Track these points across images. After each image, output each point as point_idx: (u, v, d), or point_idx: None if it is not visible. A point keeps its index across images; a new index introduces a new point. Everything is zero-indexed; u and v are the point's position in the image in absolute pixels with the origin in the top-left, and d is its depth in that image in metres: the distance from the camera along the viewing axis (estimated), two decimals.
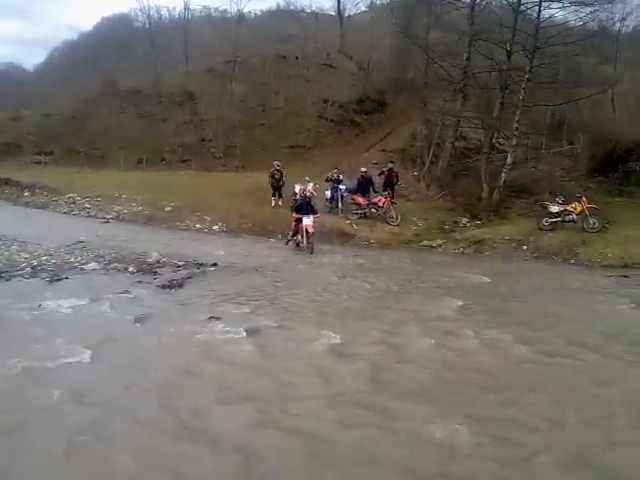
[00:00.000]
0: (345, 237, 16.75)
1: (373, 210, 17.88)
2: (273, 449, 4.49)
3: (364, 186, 18.23)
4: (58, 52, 54.25)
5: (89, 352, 6.28)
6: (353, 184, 18.48)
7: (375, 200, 17.89)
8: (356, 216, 17.85)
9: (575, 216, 16.28)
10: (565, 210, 16.40)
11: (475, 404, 5.40)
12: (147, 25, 42.05)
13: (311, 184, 17.75)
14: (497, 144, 20.90)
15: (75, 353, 6.22)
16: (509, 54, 18.66)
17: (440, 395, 5.59)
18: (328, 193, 18.38)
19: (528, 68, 18.08)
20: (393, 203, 17.94)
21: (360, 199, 18.01)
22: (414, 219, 17.93)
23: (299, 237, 14.66)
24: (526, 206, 18.42)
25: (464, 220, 18.03)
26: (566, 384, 6.00)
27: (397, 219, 17.67)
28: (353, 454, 4.46)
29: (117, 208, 19.85)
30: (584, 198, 16.48)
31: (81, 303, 8.24)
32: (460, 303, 9.35)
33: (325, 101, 31.77)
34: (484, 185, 18.84)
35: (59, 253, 11.48)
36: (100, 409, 5.02)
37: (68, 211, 20.51)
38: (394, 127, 27.57)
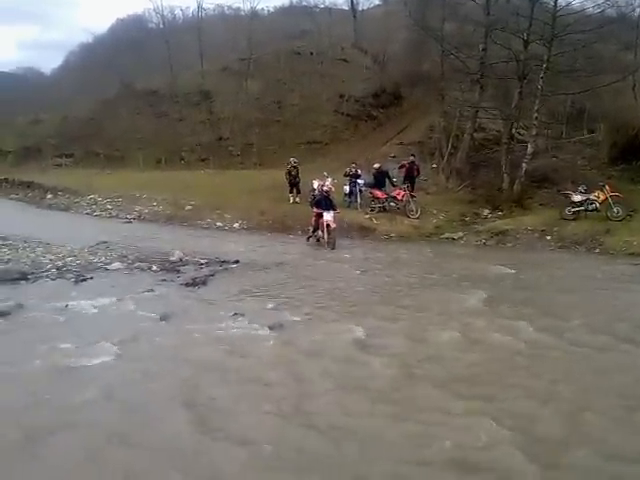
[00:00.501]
0: (365, 231, 16.71)
1: (392, 204, 17.83)
2: (303, 443, 4.47)
3: (380, 180, 18.20)
4: (74, 55, 54.80)
5: (116, 350, 6.32)
6: (370, 179, 18.45)
7: (394, 193, 17.85)
8: (375, 210, 17.80)
9: (598, 205, 16.08)
10: (588, 199, 16.21)
11: (505, 397, 5.34)
12: (161, 25, 42.27)
13: (329, 179, 17.73)
14: (517, 134, 20.66)
15: (102, 352, 6.26)
16: (526, 43, 18.44)
17: (469, 388, 5.54)
18: (347, 188, 18.38)
19: (546, 57, 17.86)
20: (413, 196, 17.86)
21: (379, 193, 17.98)
22: (434, 212, 17.84)
23: (319, 232, 14.65)
24: (548, 196, 18.20)
25: (485, 211, 17.88)
26: (594, 374, 5.92)
27: (417, 212, 17.60)
28: (390, 449, 4.43)
29: (138, 208, 20.02)
30: (607, 186, 16.26)
31: (106, 302, 8.28)
32: (484, 295, 9.25)
33: (341, 96, 31.69)
34: (505, 176, 18.67)
35: (83, 254, 11.58)
36: (129, 407, 5.04)
37: (90, 212, 20.73)
38: (411, 120, 27.38)
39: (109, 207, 20.75)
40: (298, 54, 34.79)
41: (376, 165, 18.75)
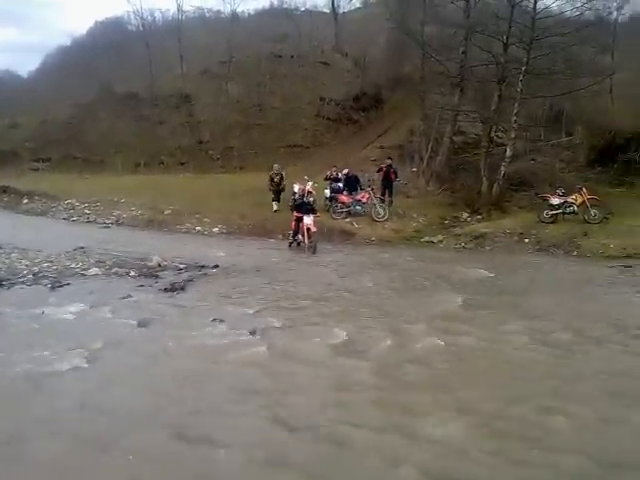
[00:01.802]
0: (346, 235, 16.72)
1: (358, 207, 17.79)
2: (289, 448, 4.47)
3: (352, 185, 18.20)
4: (52, 58, 54.07)
5: (93, 358, 6.24)
6: (337, 185, 18.42)
7: (359, 197, 17.83)
8: (342, 215, 17.74)
9: (576, 208, 16.28)
10: (566, 202, 16.40)
11: (482, 399, 5.35)
12: (141, 28, 41.90)
13: (310, 183, 17.72)
14: (496, 137, 20.81)
15: (79, 359, 6.19)
16: (506, 46, 18.57)
17: (447, 391, 5.55)
18: (327, 192, 18.34)
19: (525, 60, 17.99)
20: (381, 199, 17.86)
21: (344, 197, 17.97)
22: (414, 215, 17.88)
23: (300, 237, 14.63)
24: (526, 199, 18.37)
25: (464, 215, 17.98)
26: (576, 376, 5.97)
27: (384, 214, 17.53)
28: (367, 454, 4.41)
29: (116, 213, 19.83)
30: (584, 189, 16.47)
31: (84, 309, 8.19)
32: (463, 298, 9.31)
33: (322, 99, 31.69)
34: (484, 179, 18.78)
35: (60, 259, 11.42)
36: (104, 415, 4.97)
37: (67, 217, 20.48)
38: (392, 123, 27.45)
39: (87, 212, 20.53)
40: (279, 57, 34.69)
41: (345, 171, 18.80)
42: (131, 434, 4.67)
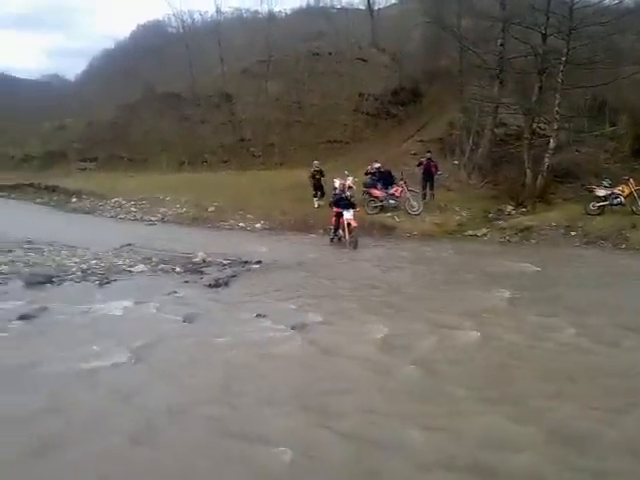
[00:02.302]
0: (386, 230, 16.67)
1: (391, 201, 17.71)
2: (330, 446, 4.47)
3: (385, 180, 18.11)
4: (97, 61, 55.48)
5: (139, 353, 6.36)
6: (370, 180, 18.33)
7: (392, 191, 17.72)
8: (376, 209, 17.69)
9: (623, 199, 15.87)
10: (612, 193, 15.99)
11: (529, 396, 5.30)
12: (181, 30, 42.56)
13: (350, 178, 17.76)
14: (538, 129, 20.39)
15: (125, 355, 6.31)
16: (544, 37, 18.19)
17: (495, 387, 5.53)
18: None
19: (565, 50, 17.59)
20: (413, 192, 17.71)
21: (377, 191, 17.89)
22: (457, 209, 17.69)
23: (340, 232, 14.66)
24: (572, 191, 17.98)
25: (509, 208, 17.68)
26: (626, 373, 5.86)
27: (419, 208, 17.42)
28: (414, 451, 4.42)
29: (162, 210, 20.22)
30: (631, 180, 16.03)
31: (130, 305, 8.37)
32: (509, 293, 9.18)
33: (360, 95, 31.59)
34: (527, 171, 18.44)
35: (107, 256, 11.72)
36: (151, 411, 5.05)
37: (114, 215, 20.99)
38: (431, 117, 27.17)
39: (133, 210, 20.99)
40: (316, 55, 34.76)
41: (377, 165, 18.64)
42: (176, 429, 4.75)
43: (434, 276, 10.88)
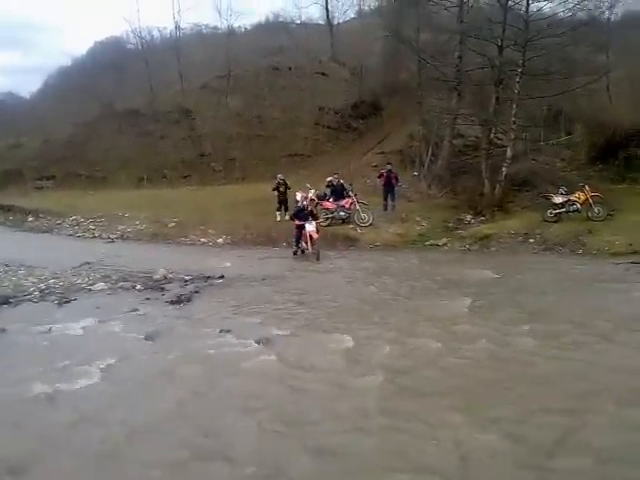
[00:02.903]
0: (350, 241, 16.72)
1: (342, 213, 17.82)
2: (293, 459, 4.46)
3: (337, 192, 18.19)
4: (53, 79, 54.44)
5: (103, 373, 6.27)
6: (322, 193, 18.48)
7: (342, 203, 17.83)
8: (327, 220, 17.77)
9: (579, 206, 16.28)
10: (569, 200, 16.40)
11: (492, 404, 5.37)
12: (140, 47, 42.15)
13: (312, 191, 17.81)
14: (495, 139, 20.84)
15: (88, 375, 6.21)
16: (500, 49, 18.63)
17: (456, 396, 5.55)
18: None
19: (521, 61, 18.04)
20: (364, 204, 17.80)
21: (327, 203, 18.01)
22: (418, 219, 17.86)
23: (303, 244, 14.65)
24: (529, 199, 18.36)
25: (468, 217, 17.95)
26: (585, 376, 5.97)
27: (368, 219, 17.53)
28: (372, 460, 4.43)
29: (121, 227, 19.88)
30: (587, 187, 16.45)
31: (91, 324, 8.24)
32: (471, 300, 9.31)
33: (320, 109, 31.78)
34: (485, 181, 18.78)
35: (66, 275, 11.49)
36: (117, 430, 4.98)
37: (73, 233, 20.52)
38: (391, 129, 27.53)
39: (92, 227, 20.59)
40: (277, 69, 34.85)
41: (329, 178, 18.77)
42: (142, 448, 4.68)
43: (398, 286, 10.92)
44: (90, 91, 37.39)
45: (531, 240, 15.54)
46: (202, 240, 17.97)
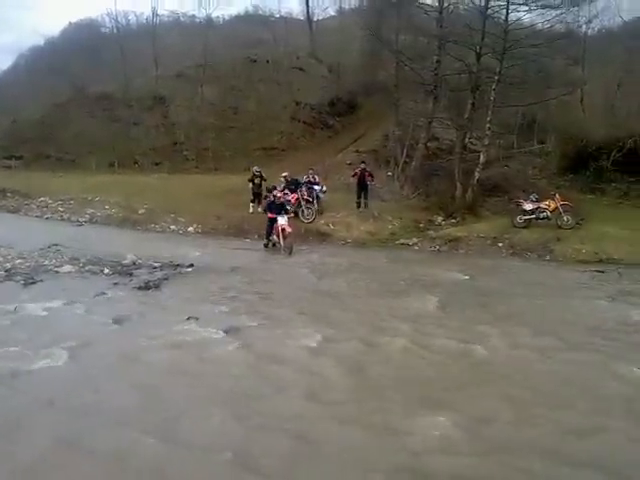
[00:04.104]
0: (322, 237, 16.76)
1: (288, 207, 17.77)
2: (259, 448, 4.46)
3: (292, 188, 18.19)
4: (25, 58, 53.19)
5: (67, 355, 6.16)
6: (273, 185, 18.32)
7: (289, 197, 17.80)
8: None
9: (549, 213, 16.54)
10: (539, 207, 16.66)
11: (449, 399, 5.44)
12: (115, 30, 41.53)
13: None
14: (469, 144, 21.10)
15: (52, 356, 6.10)
16: (478, 56, 18.81)
17: (417, 391, 5.64)
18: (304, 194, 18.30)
19: (498, 69, 18.26)
20: (308, 201, 17.93)
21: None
22: (389, 218, 17.94)
23: (275, 237, 14.60)
24: (500, 204, 18.61)
25: (439, 219, 18.11)
26: (543, 379, 6.08)
27: (311, 216, 17.67)
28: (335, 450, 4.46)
29: (90, 211, 19.52)
30: (557, 195, 16.75)
31: (57, 306, 8.10)
32: (439, 300, 9.40)
33: (297, 103, 31.71)
34: (458, 184, 18.96)
35: (33, 256, 11.26)
36: (77, 414, 4.91)
37: (41, 215, 20.08)
38: (367, 128, 27.63)
39: (60, 210, 20.18)
40: (254, 62, 34.60)
41: (284, 174, 18.79)
42: (104, 434, 4.60)
43: (367, 283, 10.97)
44: (62, 73, 36.68)
45: (500, 244, 15.75)
46: (172, 228, 17.79)
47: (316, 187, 18.45)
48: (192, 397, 5.33)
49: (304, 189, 18.11)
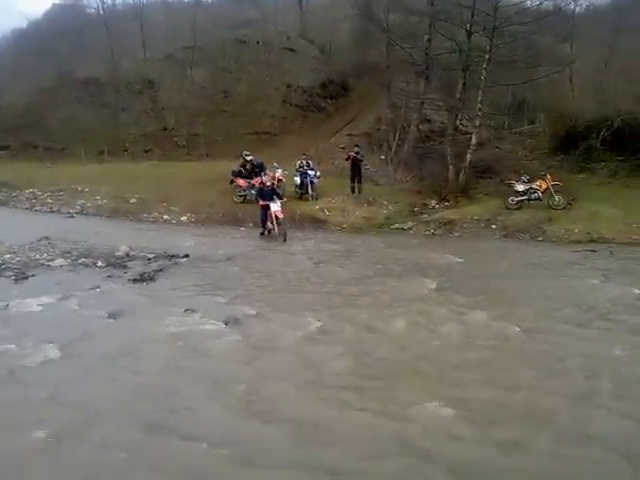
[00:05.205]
0: (317, 223, 16.68)
1: (253, 191, 17.45)
2: (260, 437, 4.50)
3: (255, 171, 17.90)
4: (6, 41, 52.34)
5: (62, 351, 6.17)
6: (238, 168, 18.44)
7: (253, 181, 17.56)
8: (240, 198, 17.95)
9: (540, 194, 16.56)
10: (530, 188, 16.66)
11: (453, 384, 5.49)
12: (101, 11, 40.90)
13: (279, 170, 17.66)
14: (461, 126, 21.00)
15: (47, 352, 6.11)
16: (469, 34, 18.66)
17: (419, 375, 5.71)
18: (297, 179, 18.22)
19: (488, 48, 18.14)
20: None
21: (241, 181, 18.02)
22: (384, 202, 17.89)
23: (269, 224, 14.54)
24: (492, 186, 18.57)
25: (433, 202, 18.07)
26: (542, 359, 6.15)
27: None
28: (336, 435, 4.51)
29: (81, 202, 19.31)
30: (548, 176, 16.75)
31: (50, 301, 8.07)
32: (436, 283, 9.50)
33: (289, 86, 31.36)
34: (450, 167, 18.89)
35: (24, 250, 11.16)
36: (77, 410, 4.92)
37: (30, 207, 19.88)
38: (359, 111, 27.45)
39: (50, 201, 19.96)
40: (244, 42, 34.14)
41: (249, 158, 18.44)
42: (103, 427, 4.64)
43: (364, 268, 10.99)
44: (47, 56, 36.04)
45: (493, 226, 15.77)
46: (165, 217, 17.63)
47: (310, 172, 18.32)
48: (192, 390, 5.36)
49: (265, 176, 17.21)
